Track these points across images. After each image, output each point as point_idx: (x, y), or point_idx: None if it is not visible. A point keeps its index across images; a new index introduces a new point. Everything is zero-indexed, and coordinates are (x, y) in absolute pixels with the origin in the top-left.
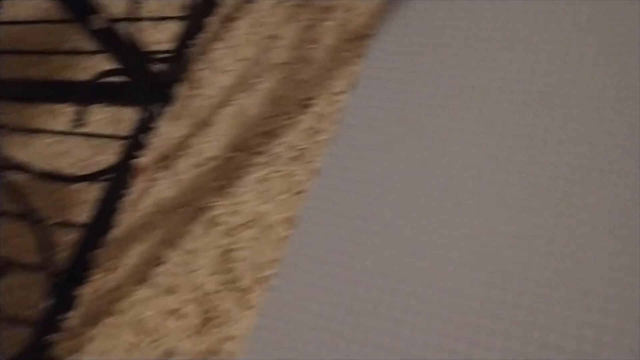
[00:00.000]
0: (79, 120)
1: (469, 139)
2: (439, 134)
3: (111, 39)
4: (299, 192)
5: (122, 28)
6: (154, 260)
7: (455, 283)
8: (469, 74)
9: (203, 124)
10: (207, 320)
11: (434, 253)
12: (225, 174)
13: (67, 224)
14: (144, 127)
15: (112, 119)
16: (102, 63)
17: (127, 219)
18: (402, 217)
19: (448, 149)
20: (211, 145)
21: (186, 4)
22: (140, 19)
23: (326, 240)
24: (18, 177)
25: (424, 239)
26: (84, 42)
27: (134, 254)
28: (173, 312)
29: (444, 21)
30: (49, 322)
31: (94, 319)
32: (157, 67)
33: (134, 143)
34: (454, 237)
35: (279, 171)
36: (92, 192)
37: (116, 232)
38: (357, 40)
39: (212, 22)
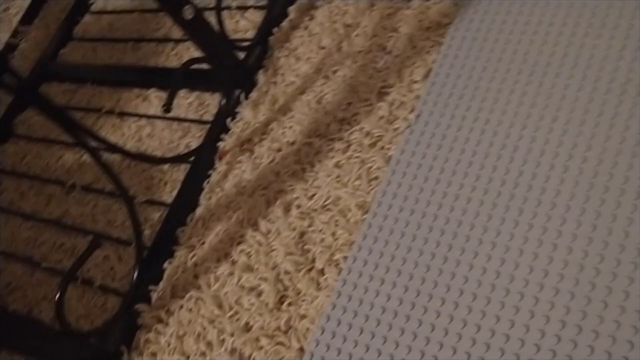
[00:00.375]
0: (167, 105)
1: (551, 129)
2: (518, 124)
3: (198, 28)
4: (374, 178)
5: (208, 18)
6: (234, 239)
7: (528, 273)
8: (553, 60)
9: (283, 110)
10: (283, 299)
11: (506, 241)
12: (303, 159)
13: (154, 202)
14: (227, 112)
15: (196, 103)
16: (188, 50)
17: (210, 199)
18: (475, 206)
19: (526, 139)
20: (290, 130)
21: None
22: (224, 8)
23: (399, 225)
24: (111, 157)
25: (497, 227)
26: (170, 30)
27: (216, 233)
28: (251, 289)
29: (526, 8)
30: (137, 293)
31: (178, 291)
32: (240, 54)
33: (218, 127)
34: (526, 226)
35: (355, 157)
36: (178, 173)
37: (200, 211)
38: (435, 29)
39: (293, 10)
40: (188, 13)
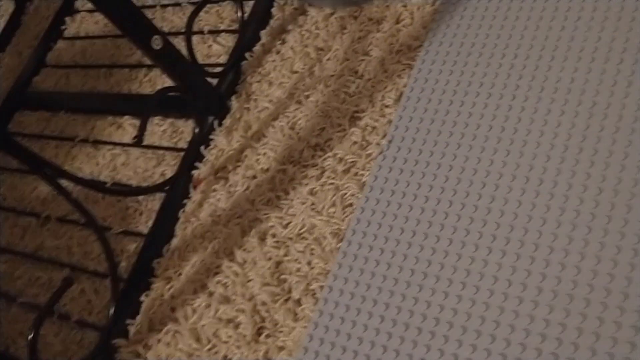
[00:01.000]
0: (139, 137)
1: (522, 153)
2: (489, 148)
3: (168, 58)
4: (348, 205)
5: (177, 45)
6: (210, 270)
7: (504, 300)
8: (522, 83)
9: (257, 136)
10: (260, 330)
11: (480, 269)
12: (277, 186)
13: (130, 233)
14: (201, 139)
15: (170, 131)
16: (161, 76)
17: (185, 228)
18: (448, 232)
19: (497, 163)
20: (264, 157)
21: (240, 17)
22: (196, 33)
23: (374, 253)
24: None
25: (470, 254)
26: (143, 56)
27: (192, 264)
28: (229, 322)
29: (494, 30)
30: (114, 327)
31: (156, 325)
32: (213, 80)
33: (192, 155)
34: (500, 252)
35: (329, 184)
36: (154, 202)
37: (176, 242)
38: (406, 52)
39: (265, 34)
40: (156, 44)
